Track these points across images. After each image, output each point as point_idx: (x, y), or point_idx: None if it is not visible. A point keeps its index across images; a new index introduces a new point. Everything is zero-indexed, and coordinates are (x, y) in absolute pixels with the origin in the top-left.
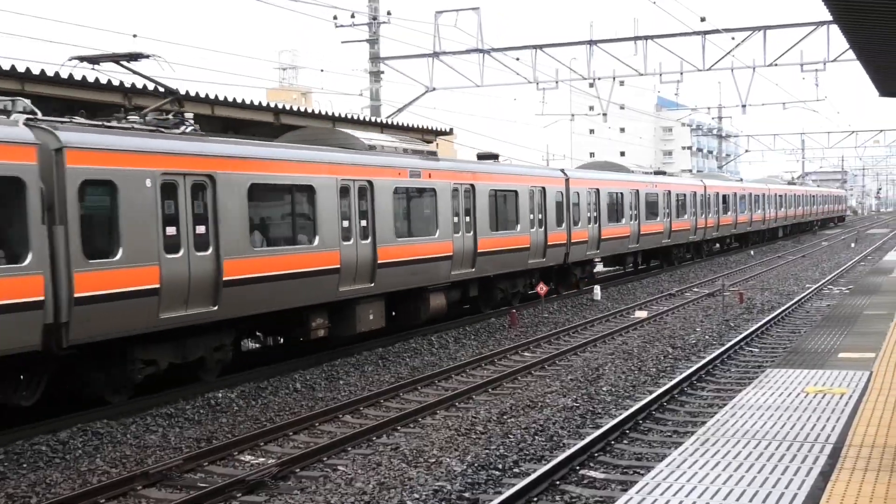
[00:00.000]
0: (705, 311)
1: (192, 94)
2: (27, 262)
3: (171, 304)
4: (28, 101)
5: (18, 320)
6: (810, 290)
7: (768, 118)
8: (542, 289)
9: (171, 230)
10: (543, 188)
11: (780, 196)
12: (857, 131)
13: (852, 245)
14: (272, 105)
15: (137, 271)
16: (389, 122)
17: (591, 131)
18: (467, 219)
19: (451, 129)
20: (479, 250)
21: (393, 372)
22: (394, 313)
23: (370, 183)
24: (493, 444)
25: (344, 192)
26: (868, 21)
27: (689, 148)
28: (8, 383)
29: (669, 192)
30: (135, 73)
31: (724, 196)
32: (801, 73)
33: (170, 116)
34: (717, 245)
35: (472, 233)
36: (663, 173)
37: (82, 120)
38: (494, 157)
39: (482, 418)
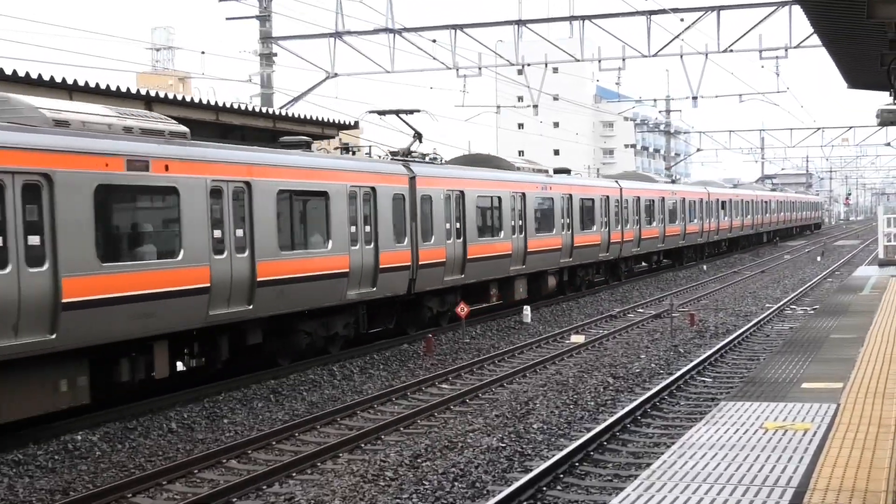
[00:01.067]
0: (651, 335)
1: (39, 77)
2: (405, 242)
3: (353, 284)
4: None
5: (401, 275)
6: (771, 310)
7: (723, 112)
8: (462, 310)
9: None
10: (374, 188)
11: (725, 202)
12: (823, 128)
13: (818, 259)
14: (143, 92)
15: (396, 254)
16: (283, 114)
17: (521, 126)
18: (367, 228)
19: (357, 123)
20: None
21: (287, 408)
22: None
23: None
24: (404, 492)
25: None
26: (833, 1)
27: (633, 146)
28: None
29: (571, 196)
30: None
31: (648, 202)
32: (759, 61)
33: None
34: (643, 263)
35: (371, 245)
36: (567, 171)
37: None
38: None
39: (392, 462)
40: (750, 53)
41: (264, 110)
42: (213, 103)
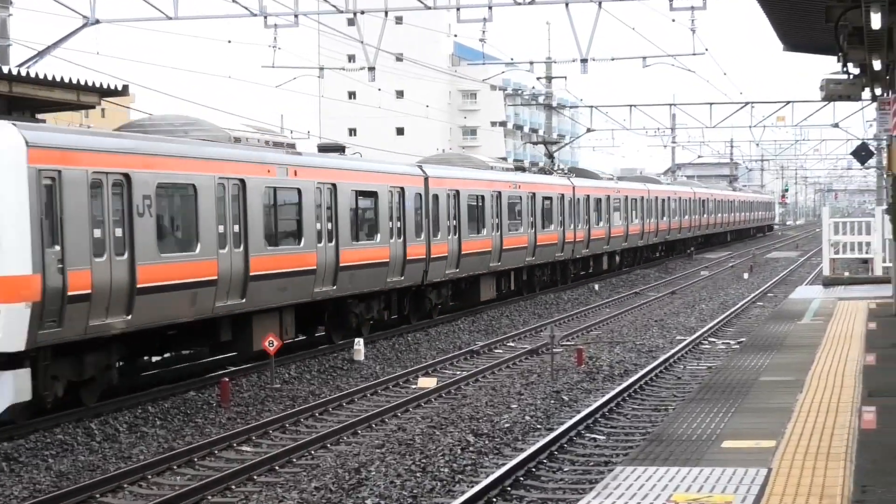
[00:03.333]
0: (526, 377)
1: None
2: (422, 237)
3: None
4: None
5: (419, 267)
6: (683, 344)
7: (622, 81)
8: (270, 343)
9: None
10: (403, 188)
11: (664, 200)
12: (752, 103)
13: (745, 276)
14: None
15: (417, 248)
16: (23, 74)
17: (352, 95)
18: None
19: (126, 88)
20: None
21: (27, 481)
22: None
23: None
24: None
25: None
26: None
27: (503, 124)
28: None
29: (534, 194)
30: None
31: (597, 200)
32: (669, 13)
33: None
34: (591, 266)
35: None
36: (523, 169)
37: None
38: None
39: None
40: (657, 2)
41: None
42: None
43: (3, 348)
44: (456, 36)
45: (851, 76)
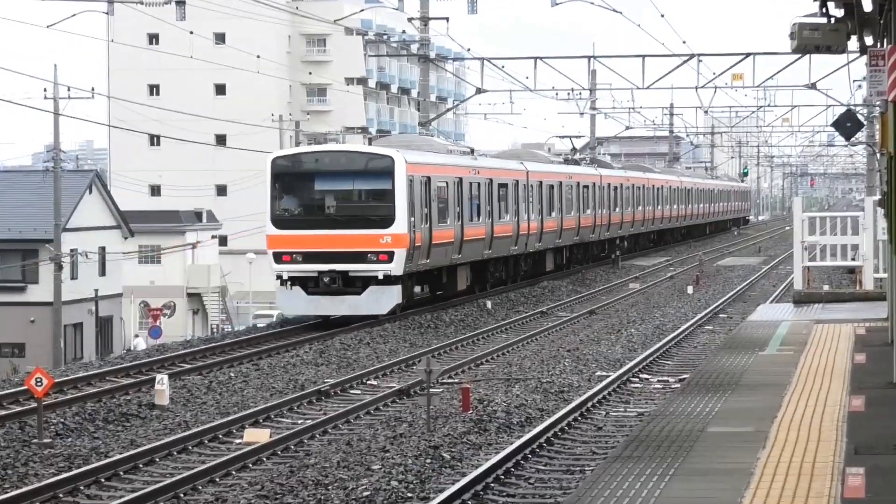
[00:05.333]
0: (392, 427)
1: None
2: (511, 217)
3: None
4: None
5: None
6: (605, 382)
7: (521, 28)
8: (39, 382)
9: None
10: (517, 181)
11: (617, 187)
12: (699, 56)
13: (689, 289)
14: None
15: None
16: None
17: (154, 39)
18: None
19: None
20: None
21: None
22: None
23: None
24: None
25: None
26: None
27: (363, 81)
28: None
29: (491, 180)
30: None
31: (550, 186)
32: None
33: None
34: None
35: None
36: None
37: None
38: None
39: None
40: None
41: None
42: None
43: (395, 272)
44: None
45: (833, 20)
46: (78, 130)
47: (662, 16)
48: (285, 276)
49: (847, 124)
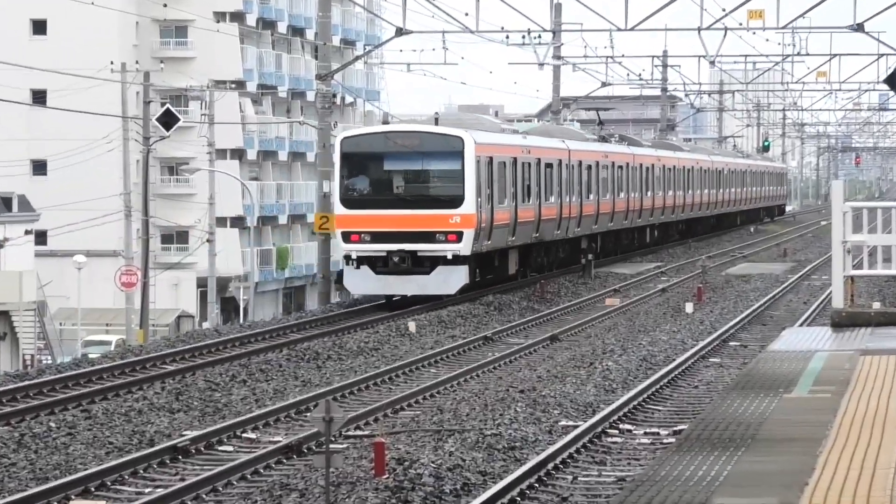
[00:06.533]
0: (276, 499)
1: None
2: (555, 200)
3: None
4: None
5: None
6: (572, 434)
7: None
8: None
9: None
10: (560, 160)
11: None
12: None
13: (687, 307)
14: None
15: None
16: None
17: None
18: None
19: None
20: None
21: None
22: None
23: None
24: None
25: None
26: None
27: (238, 17)
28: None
29: (539, 160)
30: None
31: (588, 167)
32: None
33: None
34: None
35: None
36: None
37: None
38: None
39: None
40: None
41: None
42: None
43: (464, 252)
44: None
45: None
46: None
47: None
48: (354, 256)
49: None
